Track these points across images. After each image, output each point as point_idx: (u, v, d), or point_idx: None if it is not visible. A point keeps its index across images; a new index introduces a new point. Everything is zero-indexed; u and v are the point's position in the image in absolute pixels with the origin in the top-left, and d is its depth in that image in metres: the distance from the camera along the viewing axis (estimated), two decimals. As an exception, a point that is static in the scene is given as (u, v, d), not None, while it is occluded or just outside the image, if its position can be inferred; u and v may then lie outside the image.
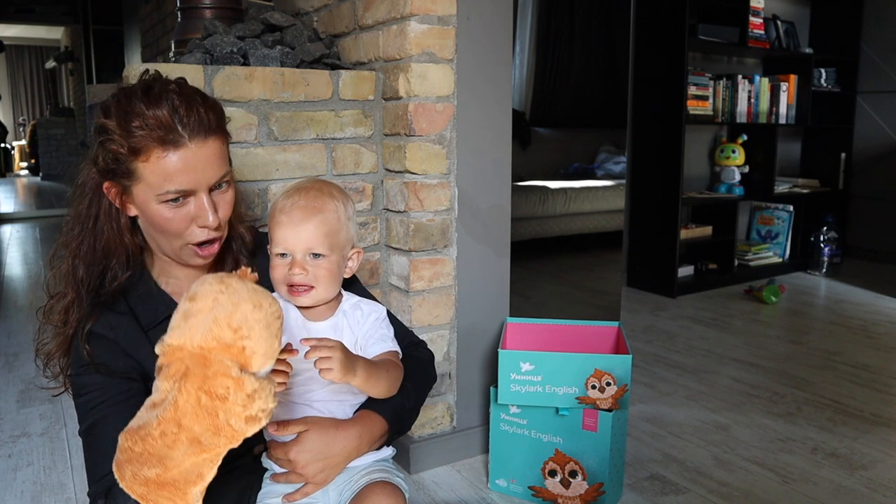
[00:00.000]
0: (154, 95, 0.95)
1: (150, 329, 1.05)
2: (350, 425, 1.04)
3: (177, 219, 0.99)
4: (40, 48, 12.57)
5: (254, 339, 0.75)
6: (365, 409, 1.08)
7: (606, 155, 2.35)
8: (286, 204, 1.05)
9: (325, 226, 1.04)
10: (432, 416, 1.80)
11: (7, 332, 3.03)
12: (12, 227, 6.22)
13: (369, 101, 1.72)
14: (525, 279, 2.10)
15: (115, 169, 0.97)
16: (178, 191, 0.97)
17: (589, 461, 1.58)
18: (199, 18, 1.92)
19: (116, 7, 6.57)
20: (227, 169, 1.04)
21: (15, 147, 12.36)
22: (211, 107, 1.00)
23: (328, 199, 1.06)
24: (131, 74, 1.43)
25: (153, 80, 0.99)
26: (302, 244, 1.03)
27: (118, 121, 0.94)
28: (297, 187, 1.08)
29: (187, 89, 0.99)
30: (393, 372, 1.06)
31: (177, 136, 0.95)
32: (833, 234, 4.03)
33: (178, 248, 1.03)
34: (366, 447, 1.05)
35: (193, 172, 0.97)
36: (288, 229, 1.03)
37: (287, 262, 1.03)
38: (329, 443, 1.01)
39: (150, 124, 0.93)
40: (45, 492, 1.72)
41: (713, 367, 2.54)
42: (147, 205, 0.99)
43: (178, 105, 0.95)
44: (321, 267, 1.04)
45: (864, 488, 1.69)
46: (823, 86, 4.21)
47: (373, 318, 1.11)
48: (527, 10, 2.07)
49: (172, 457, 0.75)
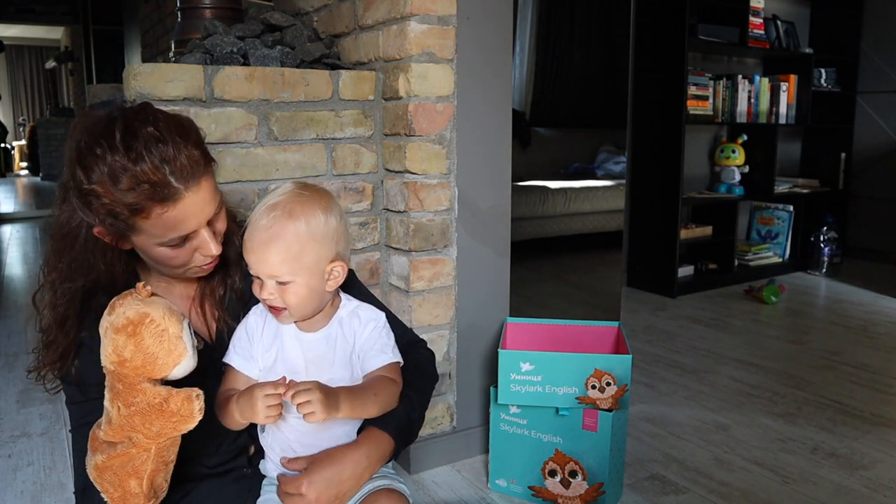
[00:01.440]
0: (137, 150, 0.88)
1: None
2: (356, 448, 1.02)
3: (181, 255, 0.98)
4: (40, 48, 12.57)
5: (139, 359, 0.86)
6: (369, 427, 1.05)
7: (606, 155, 2.35)
8: (251, 228, 1.00)
9: (284, 253, 0.98)
10: (432, 416, 1.80)
11: (7, 332, 3.03)
12: (12, 227, 6.22)
13: (369, 101, 1.72)
14: (525, 279, 2.10)
15: (114, 223, 0.92)
16: (181, 237, 0.95)
17: (589, 461, 1.58)
18: (199, 18, 1.92)
19: (116, 7, 6.56)
20: (219, 197, 1.00)
21: (15, 147, 12.36)
22: (194, 143, 0.94)
23: (288, 220, 0.99)
24: (130, 75, 1.43)
25: (127, 125, 0.90)
26: (264, 271, 0.99)
27: (106, 184, 0.88)
28: (270, 204, 1.01)
29: (167, 129, 0.92)
30: (383, 392, 1.03)
31: (172, 191, 0.90)
32: (833, 234, 4.03)
33: (180, 273, 1.02)
34: (375, 466, 1.03)
35: (194, 218, 0.95)
36: (250, 254, 0.99)
37: (259, 283, 1.01)
38: (338, 470, 0.99)
39: (142, 185, 0.88)
40: (45, 492, 1.72)
41: (713, 367, 2.54)
42: (149, 248, 0.96)
43: (164, 154, 0.89)
44: (288, 292, 1.00)
45: (864, 488, 1.69)
46: (823, 86, 4.21)
47: (371, 326, 1.08)
48: (527, 10, 2.07)
49: (114, 449, 0.89)
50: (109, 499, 0.90)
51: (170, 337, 0.87)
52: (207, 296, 1.11)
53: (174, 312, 0.89)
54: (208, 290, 1.11)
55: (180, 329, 0.88)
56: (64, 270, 0.99)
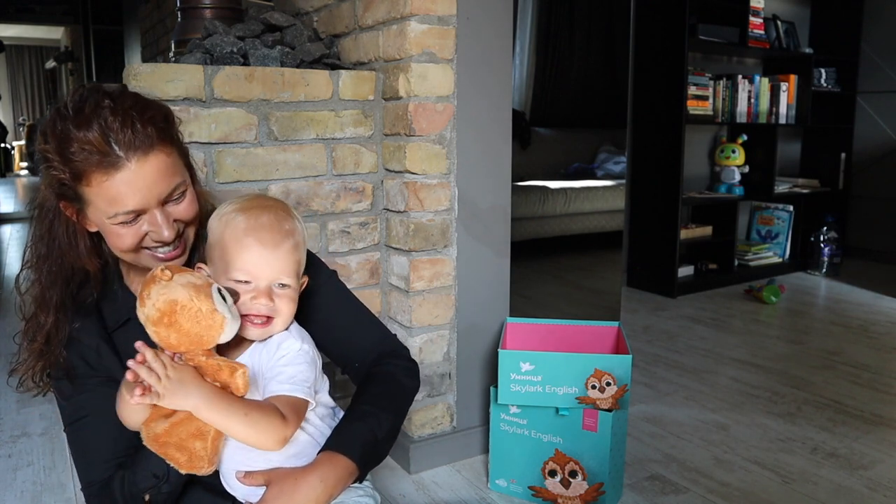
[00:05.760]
0: (85, 116, 0.89)
1: (114, 330, 1.04)
2: (309, 472, 0.96)
3: (129, 234, 0.96)
4: (40, 48, 12.58)
5: (185, 343, 0.90)
6: (326, 451, 1.00)
7: (606, 155, 2.35)
8: (253, 224, 0.95)
9: (296, 252, 0.96)
10: (432, 416, 1.80)
11: (7, 332, 3.03)
12: (12, 227, 6.22)
13: (369, 101, 1.72)
14: (525, 279, 2.10)
15: (64, 193, 0.94)
16: (126, 212, 0.93)
17: (589, 461, 1.58)
18: (199, 18, 1.92)
19: (116, 7, 6.57)
20: (178, 180, 0.97)
21: (15, 147, 12.35)
22: (150, 119, 0.93)
23: (295, 220, 0.97)
24: (130, 75, 1.43)
25: (85, 98, 0.92)
26: (272, 273, 0.95)
27: (55, 147, 0.90)
28: (259, 204, 0.98)
29: (123, 102, 0.93)
30: (257, 417, 0.90)
31: (114, 158, 0.90)
32: (833, 234, 4.03)
33: (136, 258, 1.00)
34: (333, 489, 0.97)
35: (139, 192, 0.92)
36: (257, 254, 0.94)
37: (250, 290, 0.95)
38: (290, 496, 0.94)
39: (85, 149, 0.89)
40: (45, 492, 1.72)
41: (713, 367, 2.54)
42: (102, 225, 0.96)
43: (110, 123, 0.89)
44: (286, 297, 0.96)
45: (864, 488, 1.69)
46: (823, 86, 4.21)
47: (284, 353, 0.97)
48: (527, 10, 2.07)
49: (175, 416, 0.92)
50: (176, 464, 0.92)
51: (204, 315, 0.89)
52: None
53: (199, 287, 0.90)
54: None
55: (211, 302, 0.89)
56: (41, 251, 1.01)
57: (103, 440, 1.01)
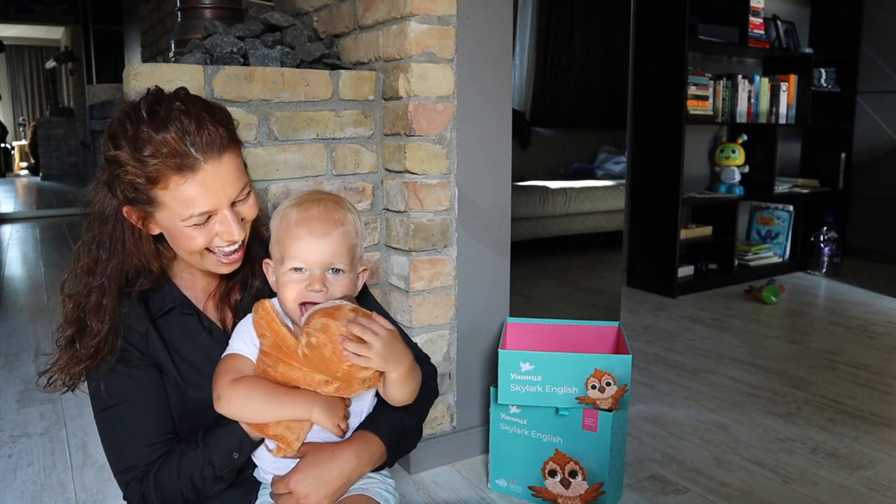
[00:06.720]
0: (161, 119, 0.92)
1: (158, 318, 1.05)
2: (346, 446, 1.02)
3: (202, 236, 0.98)
4: (40, 48, 12.57)
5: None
6: (361, 430, 1.05)
7: (606, 155, 2.35)
8: (304, 216, 1.01)
9: (347, 240, 1.01)
10: (432, 416, 1.80)
11: (7, 332, 3.03)
12: (12, 227, 6.22)
13: (369, 101, 1.72)
14: (525, 279, 2.10)
15: (136, 197, 0.95)
16: (201, 214, 0.96)
17: (589, 461, 1.58)
18: (199, 18, 1.92)
19: (116, 7, 6.57)
20: (245, 180, 1.01)
21: (15, 147, 12.36)
22: (220, 121, 0.97)
23: (347, 212, 1.03)
24: (130, 75, 1.43)
25: (157, 100, 0.95)
26: (323, 258, 0.99)
27: (129, 151, 0.92)
28: (311, 198, 1.04)
29: (193, 105, 0.96)
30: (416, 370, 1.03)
31: (191, 161, 0.92)
32: (833, 234, 4.03)
33: (201, 261, 1.02)
34: (365, 466, 1.03)
35: (214, 193, 0.96)
36: (308, 242, 0.99)
37: (304, 278, 0.99)
38: (326, 468, 0.99)
39: (162, 152, 0.91)
40: (45, 492, 1.72)
41: (713, 367, 2.54)
42: (173, 227, 0.98)
43: (186, 126, 0.92)
44: (339, 283, 1.00)
45: (864, 488, 1.69)
46: (823, 86, 4.21)
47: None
48: (527, 10, 2.07)
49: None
50: (284, 443, 0.98)
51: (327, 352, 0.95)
52: (224, 296, 1.12)
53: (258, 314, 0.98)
54: (227, 290, 1.12)
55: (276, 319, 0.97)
56: (99, 256, 1.01)
57: (147, 424, 1.02)
